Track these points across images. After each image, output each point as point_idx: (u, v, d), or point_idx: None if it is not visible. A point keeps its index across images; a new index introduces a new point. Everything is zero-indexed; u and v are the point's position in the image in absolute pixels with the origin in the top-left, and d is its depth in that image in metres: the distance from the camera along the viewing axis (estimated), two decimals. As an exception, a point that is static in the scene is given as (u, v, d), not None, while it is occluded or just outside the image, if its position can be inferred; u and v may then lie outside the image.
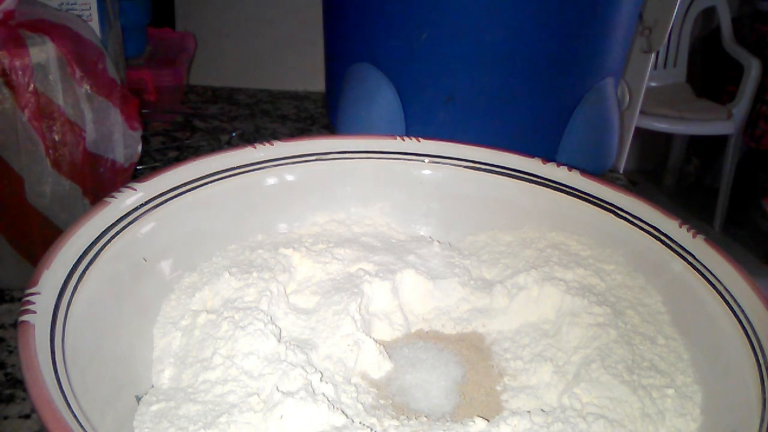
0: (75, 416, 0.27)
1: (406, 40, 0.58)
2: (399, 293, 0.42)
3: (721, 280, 0.37)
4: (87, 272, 0.34)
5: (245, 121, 0.82)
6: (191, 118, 0.81)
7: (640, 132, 1.86)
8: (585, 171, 0.46)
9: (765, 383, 0.31)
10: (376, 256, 0.44)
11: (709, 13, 2.28)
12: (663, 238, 0.41)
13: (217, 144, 0.75)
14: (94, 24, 0.59)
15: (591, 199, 0.45)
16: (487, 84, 0.59)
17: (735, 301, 0.36)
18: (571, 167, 0.47)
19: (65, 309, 0.32)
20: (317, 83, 0.89)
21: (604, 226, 0.44)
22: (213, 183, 0.43)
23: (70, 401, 0.27)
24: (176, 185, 0.42)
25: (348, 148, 0.48)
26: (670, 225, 0.41)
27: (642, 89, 1.04)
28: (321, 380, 0.34)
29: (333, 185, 0.48)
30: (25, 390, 0.28)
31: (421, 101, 0.60)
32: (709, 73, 2.35)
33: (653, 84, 2.19)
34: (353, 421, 0.32)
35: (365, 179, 0.49)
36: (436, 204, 0.50)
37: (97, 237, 0.36)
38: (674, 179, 2.60)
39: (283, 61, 0.92)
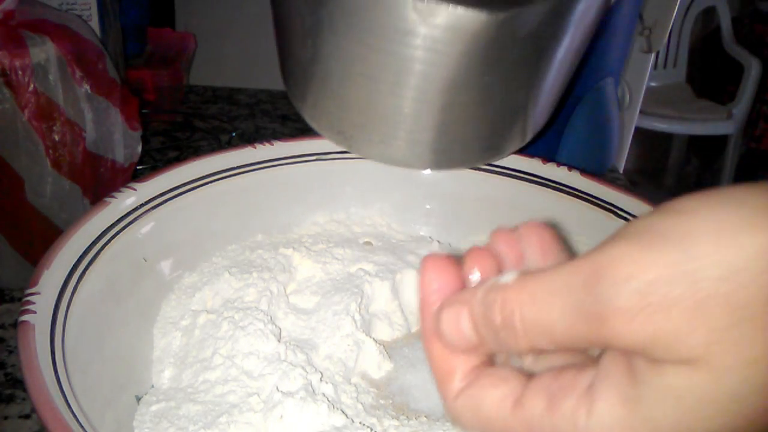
0: (75, 416, 0.27)
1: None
2: (399, 293, 0.42)
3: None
4: (87, 272, 0.34)
5: (245, 121, 0.82)
6: (191, 118, 0.81)
7: (640, 132, 1.86)
8: (585, 171, 0.46)
9: (765, 383, 0.31)
10: (376, 256, 0.44)
11: (709, 13, 2.28)
12: (663, 238, 0.41)
13: (217, 144, 0.75)
14: (94, 24, 0.59)
15: (591, 199, 0.45)
16: (487, 84, 0.59)
17: (735, 301, 0.36)
18: (571, 167, 0.47)
19: (65, 309, 0.32)
20: (317, 83, 0.88)
21: (604, 226, 0.44)
22: (213, 183, 0.43)
23: (70, 401, 0.27)
24: (176, 185, 0.42)
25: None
26: (670, 225, 0.41)
27: (642, 89, 1.04)
28: (321, 380, 0.34)
29: (333, 185, 0.48)
30: (25, 390, 0.28)
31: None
32: (709, 73, 2.35)
33: (653, 84, 2.18)
34: (353, 421, 0.32)
35: (365, 179, 0.49)
36: (436, 204, 0.50)
37: (97, 237, 0.36)
38: (674, 179, 2.60)
39: (283, 61, 0.92)
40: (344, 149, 0.45)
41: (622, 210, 0.44)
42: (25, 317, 0.30)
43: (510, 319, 0.18)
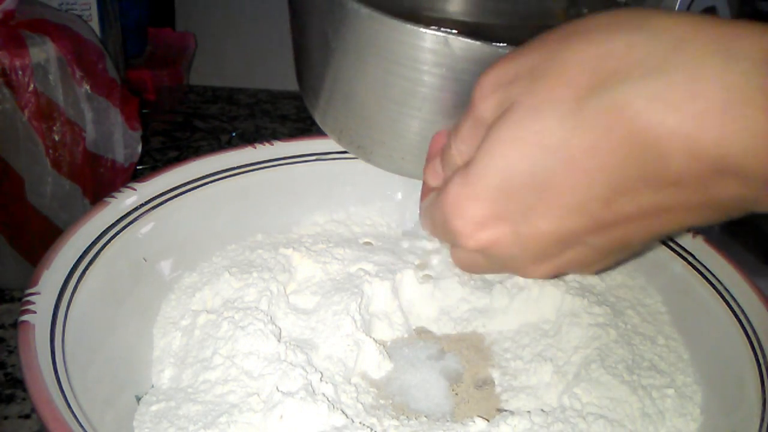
0: (75, 416, 0.27)
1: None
2: (399, 293, 0.42)
3: (721, 280, 0.37)
4: (87, 272, 0.34)
5: (245, 121, 0.82)
6: (191, 118, 0.81)
7: (640, 132, 1.86)
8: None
9: (765, 383, 0.31)
10: (376, 256, 0.44)
11: (709, 13, 2.28)
12: (663, 238, 0.41)
13: (217, 144, 0.75)
14: (94, 24, 0.59)
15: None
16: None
17: (735, 301, 0.36)
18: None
19: (65, 309, 0.32)
20: (317, 83, 0.88)
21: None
22: (213, 183, 0.43)
23: (70, 401, 0.28)
24: (176, 185, 0.42)
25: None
26: (670, 225, 0.41)
27: (642, 89, 1.04)
28: (321, 380, 0.34)
29: (333, 185, 0.48)
30: (25, 390, 0.28)
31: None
32: (709, 73, 2.35)
33: (653, 84, 2.18)
34: (353, 421, 0.32)
35: (365, 179, 0.49)
36: (436, 204, 0.50)
37: (97, 237, 0.36)
38: (674, 179, 2.60)
39: (283, 61, 0.92)
40: (362, 160, 0.46)
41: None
42: (25, 317, 0.30)
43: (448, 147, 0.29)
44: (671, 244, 0.41)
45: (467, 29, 0.36)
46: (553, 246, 0.24)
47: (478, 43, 0.35)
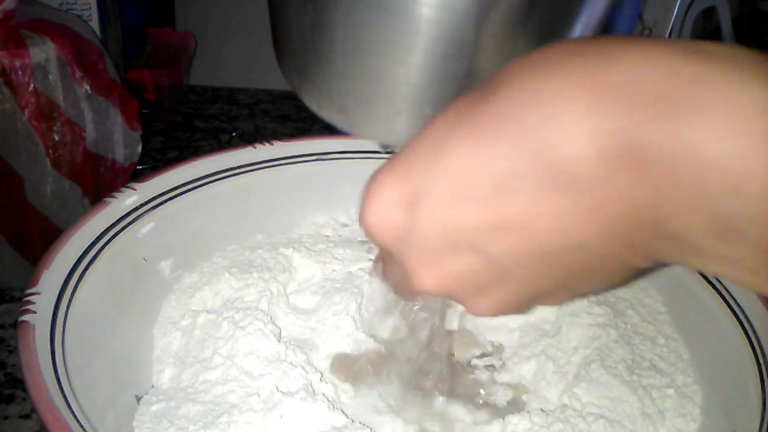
0: (75, 416, 0.27)
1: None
2: (399, 293, 0.42)
3: (721, 280, 0.37)
4: (87, 272, 0.34)
5: (245, 121, 0.82)
6: (191, 118, 0.81)
7: (640, 132, 1.85)
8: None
9: (765, 383, 0.31)
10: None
11: (709, 13, 2.28)
12: (663, 238, 0.41)
13: (217, 144, 0.75)
14: (94, 24, 0.59)
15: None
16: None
17: (735, 301, 0.36)
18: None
19: (65, 309, 0.32)
20: (317, 83, 0.88)
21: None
22: (213, 183, 0.43)
23: (70, 401, 0.28)
24: (176, 185, 0.42)
25: (348, 148, 0.48)
26: (670, 225, 0.41)
27: (642, 89, 1.04)
28: (321, 380, 0.34)
29: (333, 185, 0.48)
30: (25, 390, 0.28)
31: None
32: (709, 73, 2.35)
33: (653, 84, 2.18)
34: (353, 421, 0.32)
35: (365, 179, 0.49)
36: (436, 204, 0.50)
37: (97, 237, 0.36)
38: (674, 179, 2.60)
39: (283, 61, 0.92)
40: (345, 128, 0.43)
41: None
42: (25, 317, 0.30)
43: None
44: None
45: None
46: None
47: None
